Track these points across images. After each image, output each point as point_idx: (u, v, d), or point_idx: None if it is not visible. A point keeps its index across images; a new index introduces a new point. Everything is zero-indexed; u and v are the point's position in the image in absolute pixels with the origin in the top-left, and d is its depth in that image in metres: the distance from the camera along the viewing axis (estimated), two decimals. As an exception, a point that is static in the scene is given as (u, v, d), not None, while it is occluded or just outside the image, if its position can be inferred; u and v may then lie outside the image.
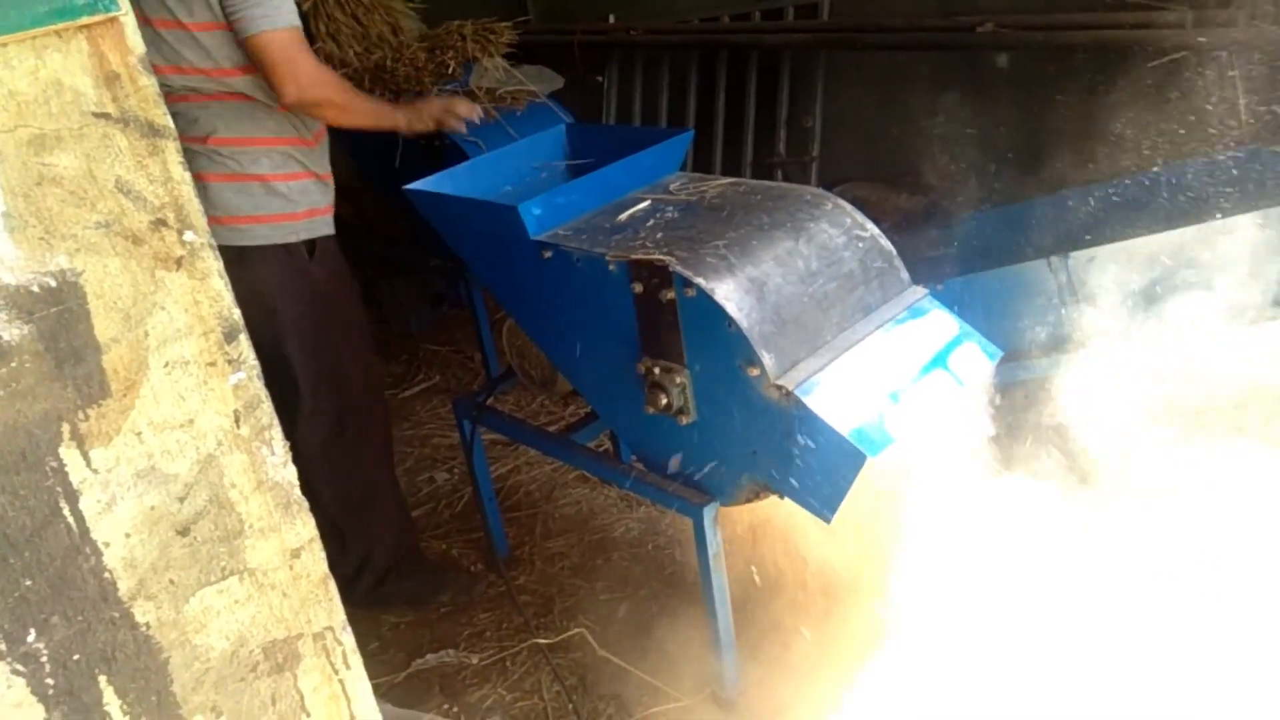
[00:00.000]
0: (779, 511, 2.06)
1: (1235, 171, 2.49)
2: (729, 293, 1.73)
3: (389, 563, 2.67)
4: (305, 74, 2.16)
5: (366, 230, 4.06)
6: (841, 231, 1.94)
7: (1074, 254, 2.46)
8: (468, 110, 2.65)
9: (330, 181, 2.47)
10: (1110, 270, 2.43)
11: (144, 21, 2.06)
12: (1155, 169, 2.76)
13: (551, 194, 2.08)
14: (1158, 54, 3.07)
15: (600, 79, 4.80)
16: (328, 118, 2.33)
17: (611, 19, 4.72)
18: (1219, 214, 2.32)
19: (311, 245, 2.40)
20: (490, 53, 3.32)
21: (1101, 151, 3.08)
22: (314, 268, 2.40)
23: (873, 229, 1.97)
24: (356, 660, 1.25)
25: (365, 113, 2.40)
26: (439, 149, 3.16)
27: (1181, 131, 3.00)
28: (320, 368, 2.42)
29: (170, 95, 2.13)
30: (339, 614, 1.22)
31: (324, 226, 2.44)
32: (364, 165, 3.70)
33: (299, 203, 2.34)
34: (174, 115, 1.00)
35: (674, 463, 2.03)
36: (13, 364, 0.91)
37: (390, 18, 3.34)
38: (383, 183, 3.60)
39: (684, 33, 4.48)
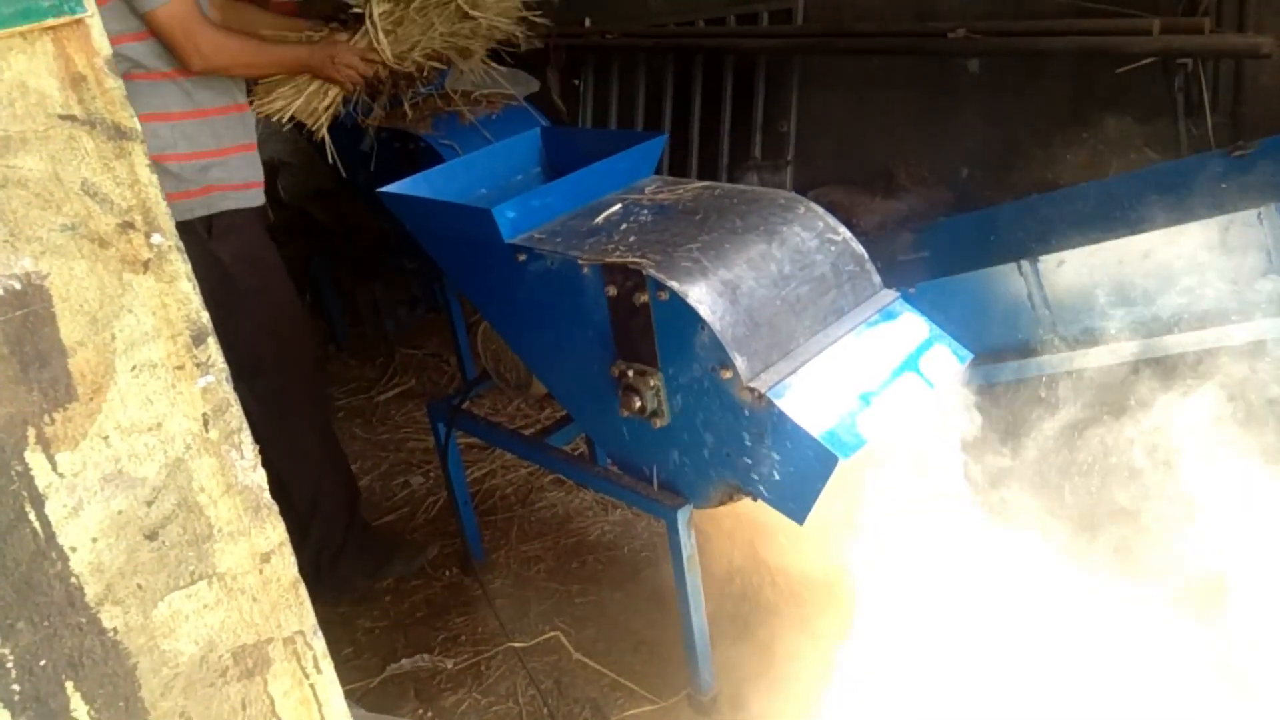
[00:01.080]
0: (754, 514, 2.07)
1: (1200, 175, 2.53)
2: (702, 296, 1.74)
3: (341, 541, 2.72)
4: (206, 43, 2.21)
5: (343, 234, 4.04)
6: (814, 235, 1.95)
7: (1044, 257, 2.49)
8: (361, 66, 2.61)
9: (240, 155, 2.43)
10: (1079, 273, 2.46)
11: None
12: (1123, 173, 2.80)
13: (526, 197, 2.08)
14: (1126, 60, 3.11)
15: (576, 82, 4.81)
16: (242, 75, 2.42)
17: (587, 22, 4.73)
18: (1185, 218, 2.36)
19: (208, 222, 2.37)
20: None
21: (1071, 156, 3.13)
22: (214, 245, 2.37)
23: (845, 233, 1.99)
24: (328, 665, 1.24)
25: (277, 64, 2.50)
26: (413, 152, 3.15)
27: (1149, 136, 3.04)
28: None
29: None
30: (310, 618, 1.21)
31: (226, 201, 2.39)
32: (340, 168, 3.69)
33: (193, 180, 2.32)
34: None
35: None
36: (-23, 367, 0.90)
37: None
38: (357, 185, 3.59)
39: (659, 36, 4.50)
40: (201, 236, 2.35)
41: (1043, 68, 3.46)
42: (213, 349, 1.06)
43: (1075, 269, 2.46)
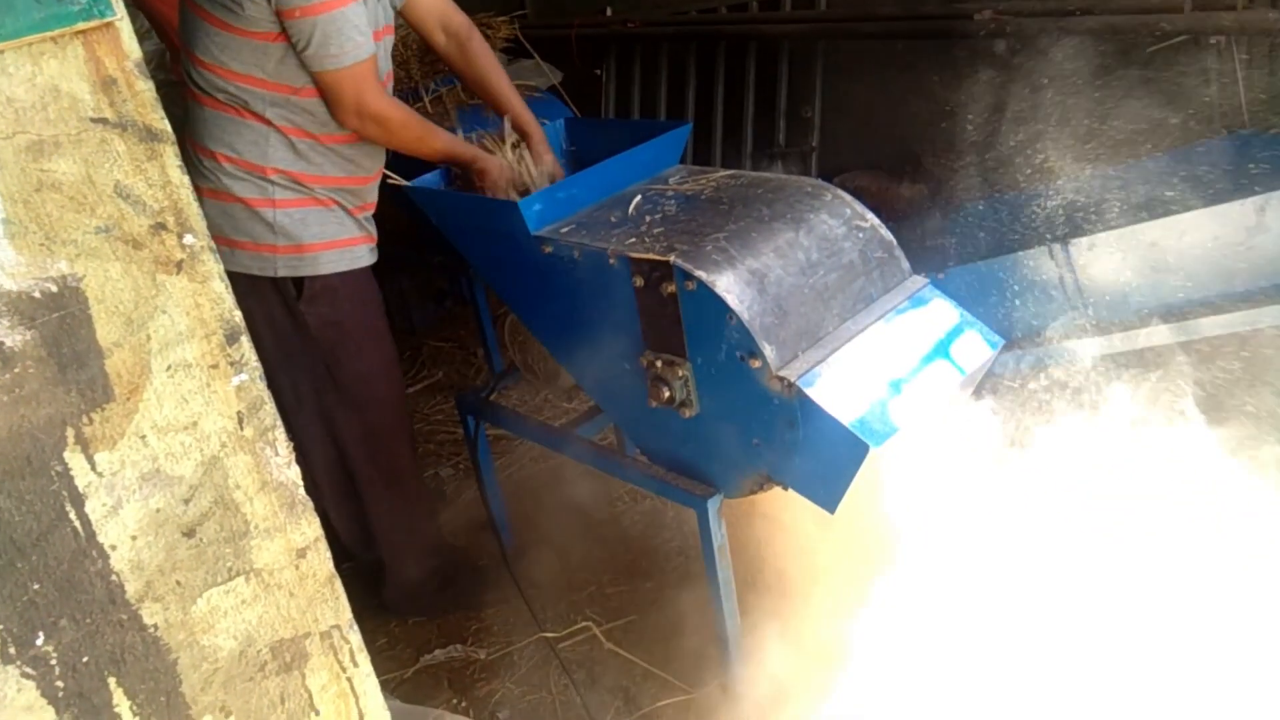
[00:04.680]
0: (785, 503, 2.07)
1: (1233, 156, 2.49)
2: (730, 285, 1.74)
3: (427, 576, 2.69)
4: (368, 107, 2.07)
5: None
6: (842, 222, 1.94)
7: (1075, 241, 2.46)
8: (501, 194, 2.26)
9: (347, 213, 2.24)
10: (1111, 256, 2.43)
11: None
12: (1155, 154, 2.76)
13: (551, 189, 2.08)
14: (1157, 39, 3.06)
15: (598, 72, 4.79)
16: (396, 147, 2.25)
17: (608, 12, 4.72)
18: (1217, 199, 2.32)
19: (299, 283, 2.19)
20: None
21: (1101, 136, 3.08)
22: (303, 308, 2.20)
23: (873, 219, 1.97)
24: (364, 658, 1.26)
25: (431, 146, 2.23)
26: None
27: (1181, 116, 2.99)
28: (298, 417, 2.29)
29: (198, 94, 2.08)
30: (345, 612, 1.22)
31: (320, 265, 2.19)
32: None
33: (283, 234, 2.14)
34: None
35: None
36: (16, 370, 0.91)
37: None
38: (383, 179, 3.60)
39: (681, 24, 4.48)
40: (290, 295, 2.19)
41: (1071, 48, 3.41)
42: (245, 347, 1.07)
43: (1107, 252, 2.43)
